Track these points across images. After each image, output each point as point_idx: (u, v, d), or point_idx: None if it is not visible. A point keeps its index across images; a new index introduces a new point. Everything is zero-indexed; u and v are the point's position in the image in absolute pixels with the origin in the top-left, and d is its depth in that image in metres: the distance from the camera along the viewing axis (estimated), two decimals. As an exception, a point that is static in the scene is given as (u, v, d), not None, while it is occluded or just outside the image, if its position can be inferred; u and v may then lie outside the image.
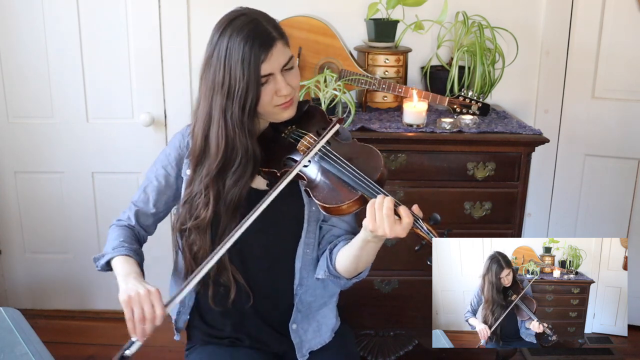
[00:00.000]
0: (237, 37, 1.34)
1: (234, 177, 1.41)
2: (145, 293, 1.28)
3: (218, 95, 1.37)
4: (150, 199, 1.55)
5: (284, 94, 1.38)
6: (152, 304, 1.28)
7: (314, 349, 1.56)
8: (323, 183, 1.37)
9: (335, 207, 1.32)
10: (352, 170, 1.34)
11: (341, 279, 1.47)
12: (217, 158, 1.40)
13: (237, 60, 1.33)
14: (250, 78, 1.34)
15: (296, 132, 1.48)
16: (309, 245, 1.51)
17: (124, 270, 1.39)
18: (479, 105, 2.17)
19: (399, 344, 2.30)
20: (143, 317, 1.27)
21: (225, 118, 1.37)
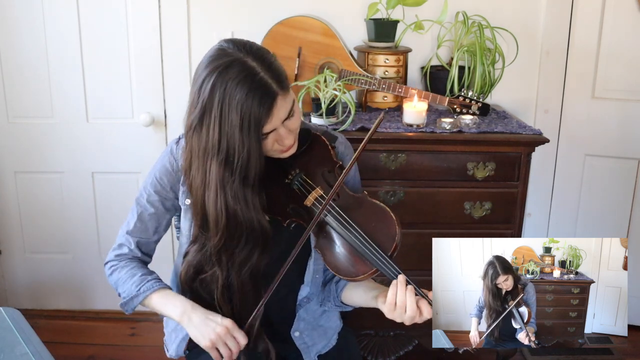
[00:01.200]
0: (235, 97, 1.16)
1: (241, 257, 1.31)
2: (224, 331, 1.29)
3: (214, 162, 1.22)
4: (149, 228, 1.45)
5: (287, 145, 1.28)
6: (234, 337, 1.29)
7: (322, 353, 1.55)
8: (334, 248, 1.31)
9: (350, 279, 1.30)
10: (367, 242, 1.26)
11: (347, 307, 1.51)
12: (217, 234, 1.28)
13: (235, 126, 1.17)
14: (252, 146, 1.19)
15: (301, 178, 1.37)
16: (317, 272, 1.50)
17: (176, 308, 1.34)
18: (479, 105, 2.17)
19: (399, 344, 2.29)
20: (230, 354, 1.30)
21: (224, 190, 1.23)
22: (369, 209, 1.32)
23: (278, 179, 1.38)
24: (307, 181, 1.36)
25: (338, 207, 1.31)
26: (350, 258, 1.29)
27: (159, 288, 1.39)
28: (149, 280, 1.40)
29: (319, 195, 1.34)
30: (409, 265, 2.16)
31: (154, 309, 1.40)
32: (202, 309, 1.34)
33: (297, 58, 2.26)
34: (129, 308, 1.42)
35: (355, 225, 1.28)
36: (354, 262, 1.28)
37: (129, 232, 1.46)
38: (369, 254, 1.26)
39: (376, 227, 1.28)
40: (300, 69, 2.28)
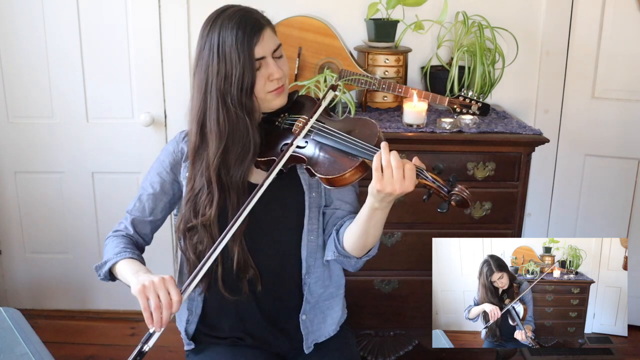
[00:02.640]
0: (229, 25, 1.37)
1: (237, 160, 1.41)
2: (160, 280, 1.28)
3: (214, 83, 1.39)
4: (146, 207, 1.54)
5: (276, 77, 1.41)
6: (168, 290, 1.28)
7: (318, 341, 1.57)
8: (323, 158, 1.38)
9: (339, 177, 1.33)
10: (349, 139, 1.35)
11: (351, 258, 1.46)
12: (219, 144, 1.40)
13: (231, 45, 1.36)
14: (246, 60, 1.36)
15: (289, 118, 1.50)
16: (312, 232, 1.51)
17: (132, 269, 1.39)
18: (479, 105, 2.17)
19: (399, 344, 2.29)
20: (159, 305, 1.26)
21: (225, 102, 1.39)
22: (351, 121, 1.45)
23: (271, 128, 1.49)
24: (293, 117, 1.49)
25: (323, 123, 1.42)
26: (337, 160, 1.36)
27: (130, 257, 1.44)
28: (126, 251, 1.47)
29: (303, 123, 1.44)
30: (409, 265, 2.17)
31: (120, 275, 1.43)
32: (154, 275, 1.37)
33: (297, 58, 2.26)
34: (101, 272, 1.47)
35: (340, 131, 1.39)
36: (341, 162, 1.35)
37: (129, 210, 1.57)
38: (353, 147, 1.34)
39: (358, 130, 1.39)
40: (300, 69, 2.28)
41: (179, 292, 1.28)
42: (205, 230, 1.43)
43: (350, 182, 1.34)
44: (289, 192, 1.49)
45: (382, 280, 2.19)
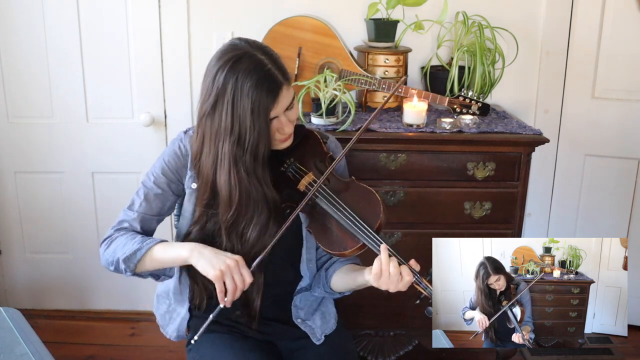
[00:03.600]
0: (246, 84, 1.31)
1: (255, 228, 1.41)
2: (234, 264, 1.33)
3: (227, 142, 1.35)
4: (154, 207, 1.52)
5: (287, 133, 1.42)
6: (242, 273, 1.33)
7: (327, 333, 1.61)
8: (324, 227, 1.41)
9: (339, 254, 1.38)
10: (354, 219, 1.37)
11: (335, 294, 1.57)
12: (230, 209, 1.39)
13: (247, 109, 1.32)
14: (262, 128, 1.34)
15: (295, 166, 1.50)
16: (311, 261, 1.57)
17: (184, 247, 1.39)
18: (479, 105, 2.17)
19: (399, 344, 2.29)
20: (236, 288, 1.33)
21: (237, 167, 1.36)
22: (357, 191, 1.44)
23: (274, 167, 1.49)
24: (300, 168, 1.49)
25: (328, 189, 1.43)
26: (339, 235, 1.39)
27: (162, 240, 1.45)
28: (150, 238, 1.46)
29: (311, 180, 1.46)
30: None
31: (159, 259, 1.42)
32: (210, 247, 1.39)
33: (297, 58, 2.26)
34: (132, 263, 1.43)
35: (345, 205, 1.39)
36: (342, 238, 1.38)
37: (132, 209, 1.52)
38: (356, 229, 1.36)
39: (363, 206, 1.39)
40: (300, 69, 2.28)
41: (250, 274, 1.35)
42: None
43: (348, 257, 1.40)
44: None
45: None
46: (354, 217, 1.37)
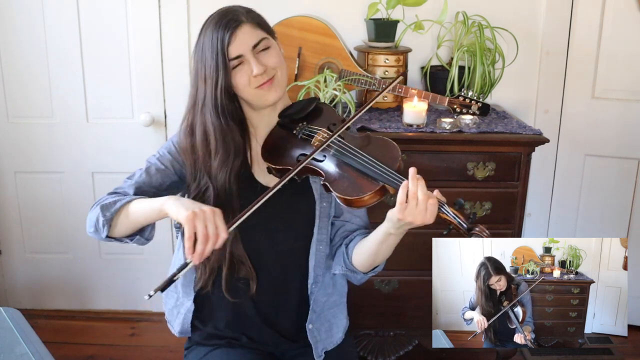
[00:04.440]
0: (209, 27, 1.38)
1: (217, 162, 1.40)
2: (210, 211, 1.21)
3: (198, 86, 1.40)
4: (153, 181, 1.46)
5: (255, 74, 1.37)
6: (216, 224, 1.21)
7: (328, 349, 1.56)
8: (342, 176, 1.35)
9: (358, 199, 1.30)
10: (371, 161, 1.32)
11: (358, 274, 1.48)
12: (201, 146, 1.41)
13: (207, 47, 1.37)
14: (219, 60, 1.36)
15: (307, 128, 1.47)
16: (321, 242, 1.51)
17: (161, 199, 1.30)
18: (479, 105, 2.17)
19: (399, 344, 2.29)
20: (207, 236, 1.19)
21: (203, 104, 1.40)
22: (372, 140, 1.41)
23: (288, 135, 1.47)
24: (313, 128, 1.46)
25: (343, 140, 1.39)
26: (356, 181, 1.32)
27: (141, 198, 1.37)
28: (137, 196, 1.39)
29: (324, 135, 1.42)
30: (409, 265, 2.17)
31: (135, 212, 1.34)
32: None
33: (297, 58, 2.26)
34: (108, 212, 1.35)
35: (360, 150, 1.35)
36: (360, 183, 1.31)
37: (131, 179, 1.47)
38: (374, 171, 1.30)
39: (380, 152, 1.35)
40: (300, 69, 2.28)
41: (226, 229, 1.22)
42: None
43: (367, 204, 1.32)
44: (300, 200, 1.47)
45: (382, 280, 2.19)
46: (371, 159, 1.32)
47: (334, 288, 1.58)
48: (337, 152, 1.37)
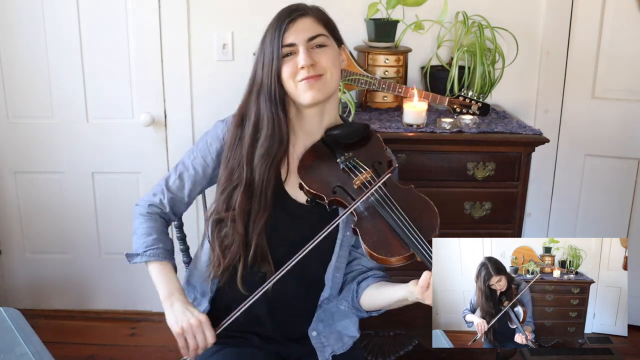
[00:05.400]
0: (275, 17, 1.41)
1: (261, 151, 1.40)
2: (197, 324, 1.33)
3: (256, 72, 1.42)
4: (185, 187, 1.51)
5: (302, 65, 1.36)
6: (204, 333, 1.34)
7: (337, 353, 1.55)
8: (374, 227, 1.31)
9: (384, 259, 1.28)
10: (409, 225, 1.28)
11: (361, 312, 1.51)
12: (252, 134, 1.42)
13: (269, 34, 1.40)
14: (275, 46, 1.37)
15: (353, 161, 1.41)
16: (339, 270, 1.50)
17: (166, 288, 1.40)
18: (479, 105, 2.17)
19: (399, 344, 2.29)
20: (197, 347, 1.34)
21: (259, 92, 1.41)
22: (414, 198, 1.37)
23: (329, 158, 1.43)
24: (358, 164, 1.40)
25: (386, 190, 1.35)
26: (388, 239, 1.29)
27: (163, 260, 1.44)
28: (159, 247, 1.45)
29: (368, 178, 1.37)
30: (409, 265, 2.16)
31: (153, 278, 1.45)
32: (186, 299, 1.41)
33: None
34: (130, 260, 1.47)
35: (401, 209, 1.31)
36: (391, 243, 1.28)
37: (167, 186, 1.52)
38: (409, 236, 1.27)
39: (419, 215, 1.31)
40: (300, 69, 2.27)
41: (214, 334, 1.35)
42: (233, 226, 1.40)
43: (391, 265, 1.28)
44: (322, 222, 1.36)
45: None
46: (408, 222, 1.28)
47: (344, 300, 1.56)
48: (376, 201, 1.33)
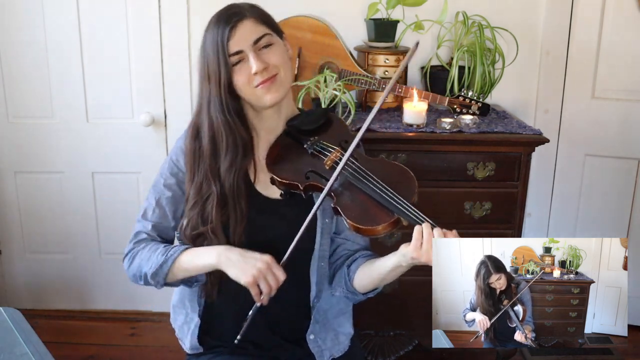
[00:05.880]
0: (212, 23, 1.36)
1: (225, 164, 1.37)
2: (265, 267, 1.30)
3: (203, 86, 1.39)
4: (167, 213, 1.45)
5: (254, 71, 1.33)
6: (274, 273, 1.30)
7: (335, 356, 1.54)
8: (354, 202, 1.29)
9: (370, 229, 1.26)
10: (388, 191, 1.27)
11: (358, 295, 1.46)
12: (208, 147, 1.38)
13: (210, 44, 1.35)
14: (220, 56, 1.33)
15: (320, 144, 1.40)
16: (323, 259, 1.48)
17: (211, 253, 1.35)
18: (479, 105, 2.17)
19: (399, 344, 2.29)
20: (270, 288, 1.30)
21: (208, 103, 1.37)
22: (388, 166, 1.36)
23: (296, 147, 1.42)
24: (326, 145, 1.40)
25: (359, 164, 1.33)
26: (370, 209, 1.28)
27: (186, 248, 1.39)
28: (173, 247, 1.40)
29: (338, 156, 1.35)
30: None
31: (187, 269, 1.38)
32: (237, 248, 1.35)
33: (297, 58, 2.26)
34: (161, 278, 1.38)
35: (376, 177, 1.30)
36: (374, 212, 1.27)
37: (146, 217, 1.46)
38: (390, 201, 1.26)
39: (396, 180, 1.30)
40: (300, 69, 2.28)
41: (283, 271, 1.31)
42: (216, 237, 1.38)
43: (378, 235, 1.27)
44: (300, 214, 1.34)
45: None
46: (387, 188, 1.26)
47: (339, 298, 1.54)
48: (351, 175, 1.32)
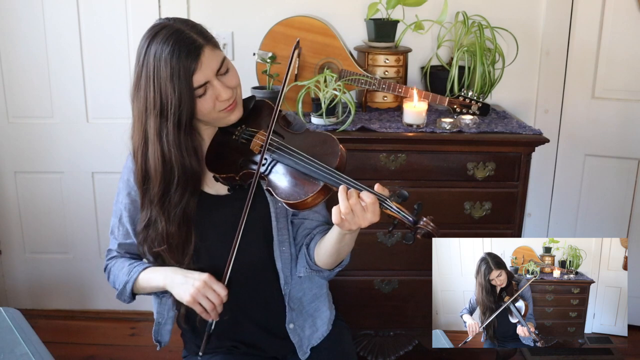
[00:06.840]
0: (163, 52, 1.28)
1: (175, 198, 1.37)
2: (202, 284, 1.34)
3: (151, 117, 1.31)
4: (129, 230, 1.51)
5: (225, 99, 1.33)
6: (213, 289, 1.34)
7: (314, 345, 1.55)
8: (283, 179, 1.32)
9: (300, 202, 1.28)
10: (309, 160, 1.28)
11: (323, 272, 1.47)
12: (157, 182, 1.36)
13: (167, 77, 1.27)
14: (183, 92, 1.28)
15: (247, 131, 1.42)
16: (283, 243, 1.48)
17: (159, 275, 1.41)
18: (479, 105, 2.17)
19: (399, 344, 2.29)
20: (213, 306, 1.34)
21: (160, 139, 1.32)
22: (311, 137, 1.38)
23: (228, 141, 1.43)
24: (252, 130, 1.42)
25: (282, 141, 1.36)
26: (297, 183, 1.30)
27: (144, 268, 1.46)
28: (135, 265, 1.47)
29: (262, 140, 1.37)
30: (409, 265, 2.17)
31: (144, 287, 1.46)
32: (182, 270, 1.40)
33: (297, 58, 2.26)
34: (125, 297, 1.48)
35: (299, 150, 1.32)
36: (301, 185, 1.29)
37: (113, 234, 1.55)
38: (313, 170, 1.28)
39: (319, 148, 1.32)
40: (300, 69, 2.27)
41: (223, 286, 1.35)
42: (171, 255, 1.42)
43: (312, 206, 1.28)
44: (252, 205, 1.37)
45: (382, 280, 2.19)
46: (309, 159, 1.28)
47: (311, 282, 1.55)
48: (277, 155, 1.34)
